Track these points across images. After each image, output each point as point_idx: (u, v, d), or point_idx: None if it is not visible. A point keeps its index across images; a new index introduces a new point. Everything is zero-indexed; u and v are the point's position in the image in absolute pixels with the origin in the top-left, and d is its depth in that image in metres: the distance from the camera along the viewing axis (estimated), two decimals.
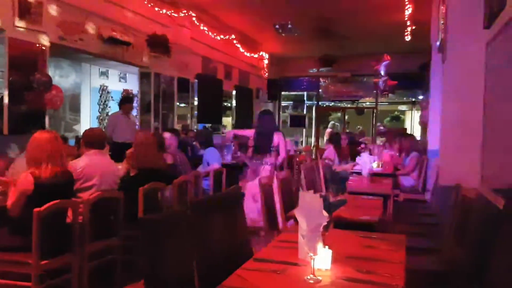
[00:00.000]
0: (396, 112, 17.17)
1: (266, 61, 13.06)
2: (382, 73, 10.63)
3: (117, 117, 7.22)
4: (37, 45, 5.41)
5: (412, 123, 15.28)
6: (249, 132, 5.88)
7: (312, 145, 14.61)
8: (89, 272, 3.26)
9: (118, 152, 6.00)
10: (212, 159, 6.27)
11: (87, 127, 6.04)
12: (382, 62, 10.42)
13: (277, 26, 9.23)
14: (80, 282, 3.17)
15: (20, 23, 5.15)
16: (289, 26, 9.21)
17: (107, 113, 10.39)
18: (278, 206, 4.03)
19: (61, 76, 9.12)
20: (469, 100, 3.91)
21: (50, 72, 5.83)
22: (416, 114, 14.58)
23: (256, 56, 12.38)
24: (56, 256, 3.00)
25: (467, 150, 3.87)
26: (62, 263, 3.08)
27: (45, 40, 5.51)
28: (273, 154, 5.45)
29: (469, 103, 3.91)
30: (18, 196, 3.01)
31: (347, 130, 13.98)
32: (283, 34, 9.52)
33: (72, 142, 7.59)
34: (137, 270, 3.50)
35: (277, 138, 5.47)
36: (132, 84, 10.50)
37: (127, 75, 10.90)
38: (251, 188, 5.23)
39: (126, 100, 7.40)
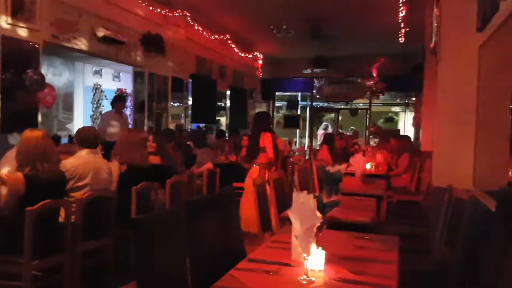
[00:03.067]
0: (389, 114, 17.24)
1: (260, 62, 13.06)
2: (374, 74, 10.70)
3: (110, 116, 7.18)
4: (30, 43, 5.37)
5: (405, 124, 15.36)
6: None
7: (306, 145, 14.63)
8: (81, 272, 3.24)
9: (110, 152, 5.97)
10: (206, 159, 6.27)
11: (80, 126, 6.00)
12: (374, 64, 10.50)
13: (271, 27, 9.24)
14: (72, 282, 3.15)
15: (13, 21, 5.11)
16: (284, 26, 9.22)
17: (101, 112, 10.33)
18: (271, 206, 4.03)
19: (54, 75, 9.04)
20: (462, 102, 3.94)
21: (43, 70, 5.77)
22: (409, 116, 14.65)
23: (250, 56, 12.38)
24: (48, 256, 2.98)
25: (460, 152, 3.90)
26: (54, 263, 3.06)
27: (38, 38, 5.47)
28: (262, 154, 5.45)
29: (462, 105, 3.93)
30: (9, 196, 2.98)
31: (341, 131, 14.03)
32: (278, 35, 9.53)
33: (65, 141, 7.54)
34: (130, 270, 3.48)
35: (262, 139, 5.46)
36: (126, 83, 10.45)
37: (121, 74, 10.84)
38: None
39: (118, 98, 7.37)
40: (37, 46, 5.45)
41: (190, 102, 9.72)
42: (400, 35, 9.20)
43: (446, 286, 2.81)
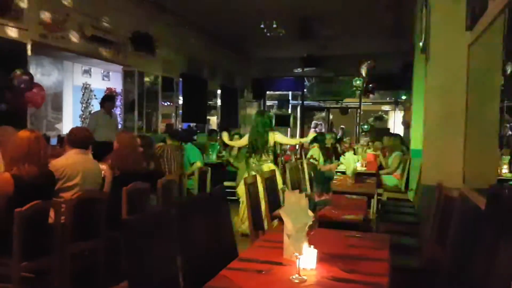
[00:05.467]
0: (379, 112, 17.34)
1: (251, 61, 13.06)
2: (364, 74, 10.74)
3: (98, 115, 7.12)
4: (18, 42, 5.30)
5: (394, 123, 15.45)
6: None
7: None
8: (71, 273, 3.21)
9: (99, 152, 5.92)
10: (193, 156, 6.22)
11: (70, 126, 5.95)
12: (362, 64, 10.56)
13: (262, 26, 9.25)
14: (61, 283, 3.12)
15: (0, 20, 5.04)
16: (274, 25, 9.23)
17: (90, 111, 10.24)
18: (263, 205, 4.03)
19: (43, 74, 8.94)
20: (451, 101, 3.96)
21: (32, 70, 5.72)
22: (399, 114, 14.74)
23: (241, 55, 12.36)
24: (37, 257, 2.94)
25: (450, 150, 3.93)
26: (44, 265, 3.03)
27: (26, 38, 5.41)
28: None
29: (451, 104, 3.96)
30: None
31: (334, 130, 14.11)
32: (268, 34, 9.53)
33: (54, 141, 7.46)
34: (120, 271, 3.45)
35: (272, 136, 5.50)
36: (116, 83, 10.38)
37: (110, 73, 10.76)
38: None
39: (107, 98, 7.31)
40: (25, 45, 5.38)
41: (180, 102, 9.69)
42: (389, 34, 9.25)
43: (436, 283, 2.83)
